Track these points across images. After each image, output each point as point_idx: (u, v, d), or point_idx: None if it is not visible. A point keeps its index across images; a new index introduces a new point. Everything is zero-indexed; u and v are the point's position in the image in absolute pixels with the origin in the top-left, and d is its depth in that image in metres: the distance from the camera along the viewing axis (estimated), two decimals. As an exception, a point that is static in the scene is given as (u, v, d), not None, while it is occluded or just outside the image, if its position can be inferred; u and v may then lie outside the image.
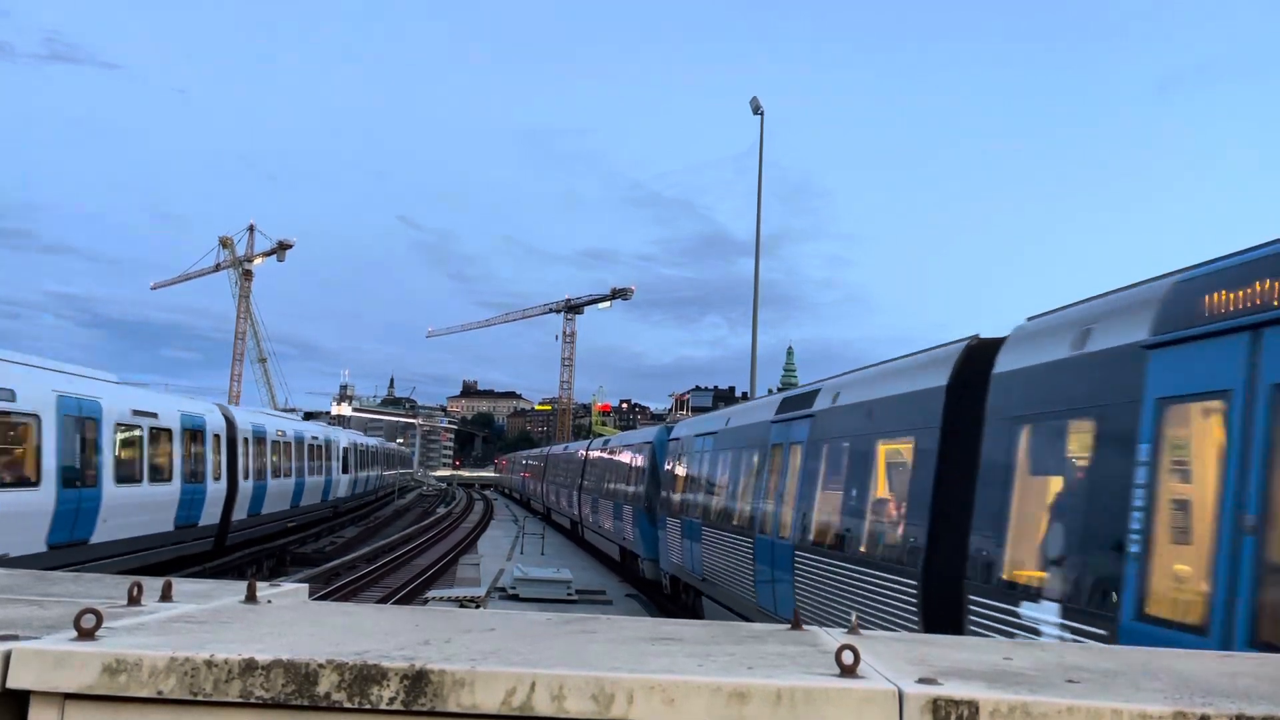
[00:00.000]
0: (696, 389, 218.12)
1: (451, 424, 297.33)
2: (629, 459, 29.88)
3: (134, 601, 2.90)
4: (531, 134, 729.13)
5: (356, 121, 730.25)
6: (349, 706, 2.15)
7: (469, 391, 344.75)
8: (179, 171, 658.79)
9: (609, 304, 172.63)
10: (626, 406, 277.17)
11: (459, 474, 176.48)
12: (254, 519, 30.60)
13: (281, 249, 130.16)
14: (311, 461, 39.14)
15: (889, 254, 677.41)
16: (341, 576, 26.54)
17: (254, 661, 2.16)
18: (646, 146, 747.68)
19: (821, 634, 2.93)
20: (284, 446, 34.32)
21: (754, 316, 32.68)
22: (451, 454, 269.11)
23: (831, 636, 2.87)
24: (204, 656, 2.17)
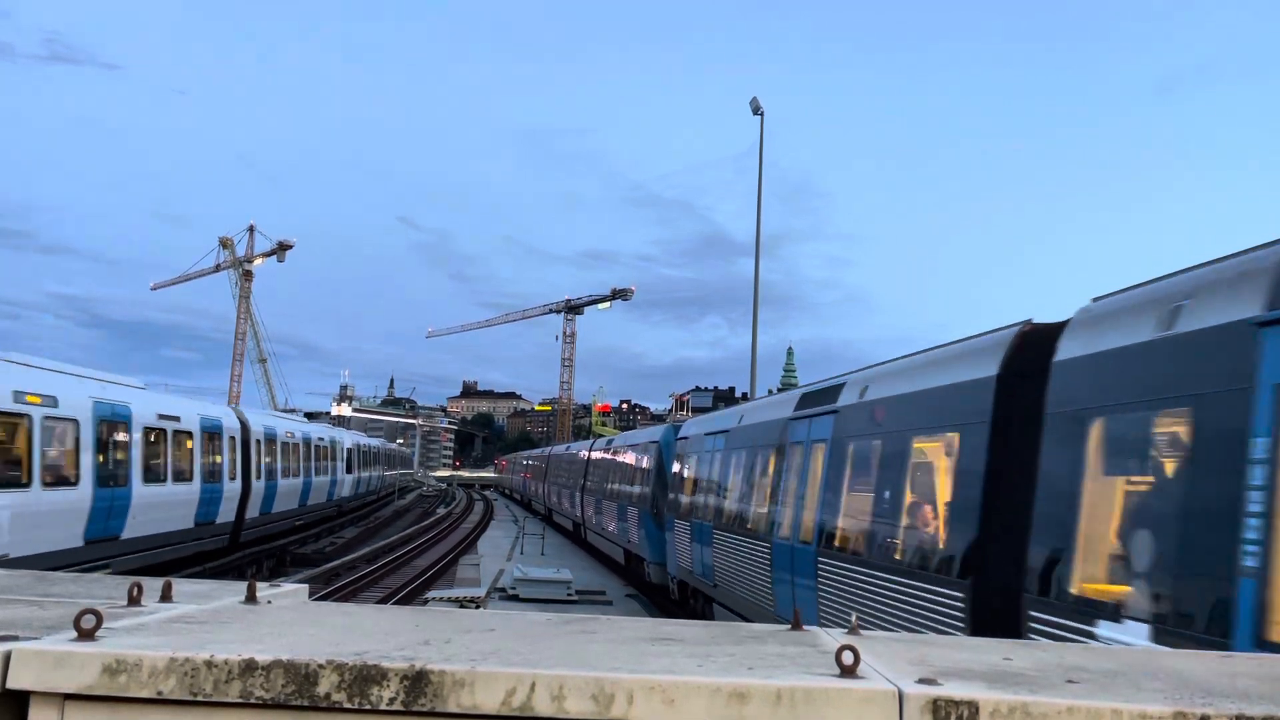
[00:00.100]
0: (696, 389, 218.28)
1: (451, 424, 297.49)
2: (634, 459, 28.94)
3: (134, 602, 2.90)
4: (531, 134, 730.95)
5: (356, 121, 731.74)
6: (349, 707, 2.15)
7: (469, 392, 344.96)
8: (179, 171, 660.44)
9: (609, 304, 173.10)
10: (626, 407, 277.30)
11: (459, 474, 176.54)
12: (265, 517, 31.62)
13: (281, 249, 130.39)
14: (318, 462, 40.03)
15: (889, 254, 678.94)
16: (341, 577, 26.55)
17: (254, 662, 2.16)
18: (647, 147, 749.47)
19: (821, 634, 2.94)
20: (293, 448, 35.20)
21: (754, 317, 32.68)
22: (451, 454, 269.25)
23: (831, 637, 2.87)
24: (204, 657, 2.17)
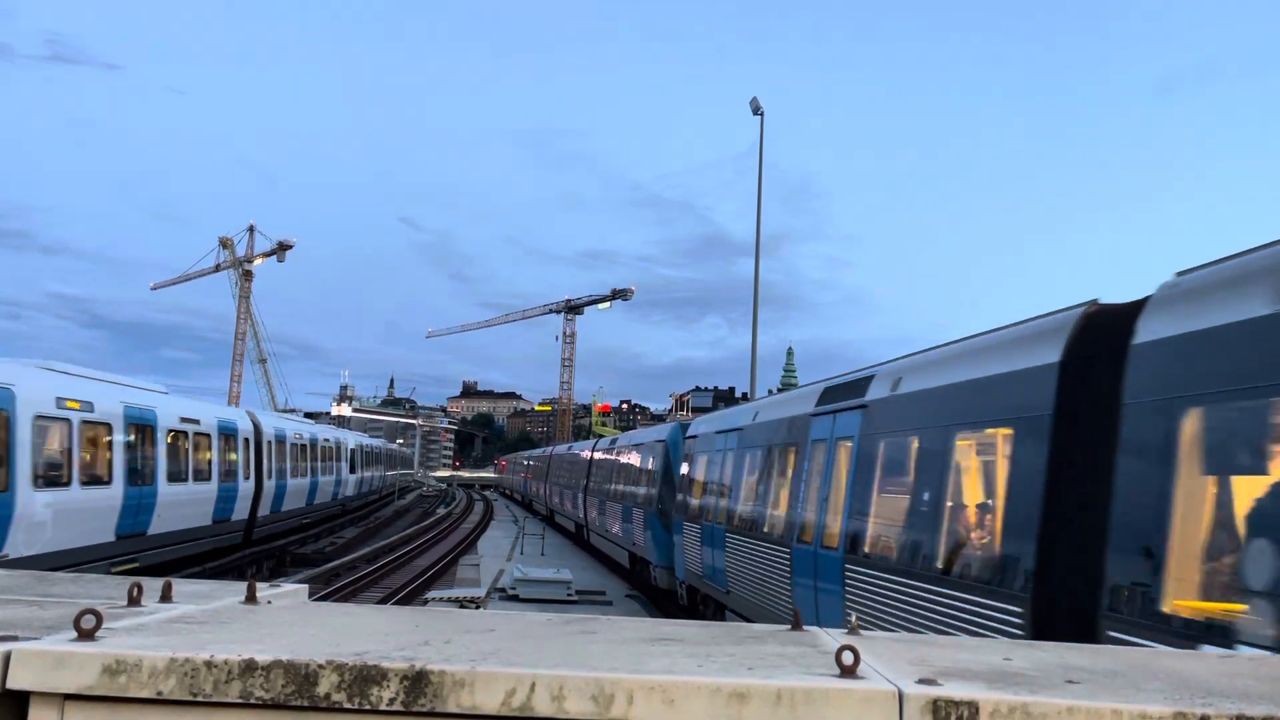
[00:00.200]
0: (696, 389, 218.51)
1: (451, 424, 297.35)
2: (640, 459, 27.91)
3: (134, 602, 2.90)
4: (531, 134, 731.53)
5: (357, 121, 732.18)
6: (349, 707, 2.15)
7: (469, 392, 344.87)
8: (179, 171, 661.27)
9: (609, 304, 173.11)
10: (626, 407, 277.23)
11: (459, 474, 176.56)
12: (276, 515, 32.76)
13: (281, 249, 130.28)
14: (324, 462, 41.26)
15: (889, 254, 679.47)
16: (341, 577, 26.56)
17: (254, 662, 2.16)
18: (647, 147, 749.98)
19: (821, 634, 2.94)
20: (301, 449, 36.35)
21: (754, 317, 32.66)
22: (451, 454, 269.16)
23: (831, 637, 2.87)
24: (204, 657, 2.17)
